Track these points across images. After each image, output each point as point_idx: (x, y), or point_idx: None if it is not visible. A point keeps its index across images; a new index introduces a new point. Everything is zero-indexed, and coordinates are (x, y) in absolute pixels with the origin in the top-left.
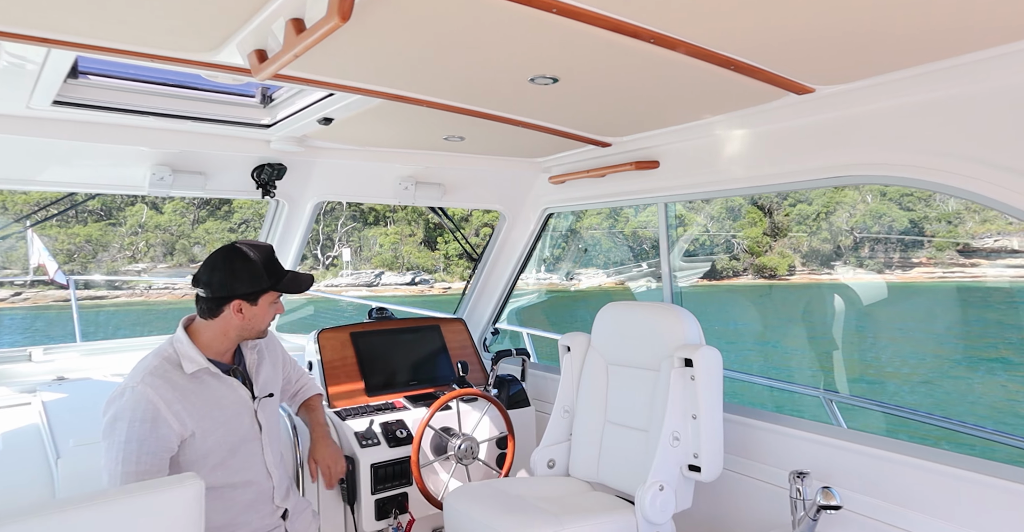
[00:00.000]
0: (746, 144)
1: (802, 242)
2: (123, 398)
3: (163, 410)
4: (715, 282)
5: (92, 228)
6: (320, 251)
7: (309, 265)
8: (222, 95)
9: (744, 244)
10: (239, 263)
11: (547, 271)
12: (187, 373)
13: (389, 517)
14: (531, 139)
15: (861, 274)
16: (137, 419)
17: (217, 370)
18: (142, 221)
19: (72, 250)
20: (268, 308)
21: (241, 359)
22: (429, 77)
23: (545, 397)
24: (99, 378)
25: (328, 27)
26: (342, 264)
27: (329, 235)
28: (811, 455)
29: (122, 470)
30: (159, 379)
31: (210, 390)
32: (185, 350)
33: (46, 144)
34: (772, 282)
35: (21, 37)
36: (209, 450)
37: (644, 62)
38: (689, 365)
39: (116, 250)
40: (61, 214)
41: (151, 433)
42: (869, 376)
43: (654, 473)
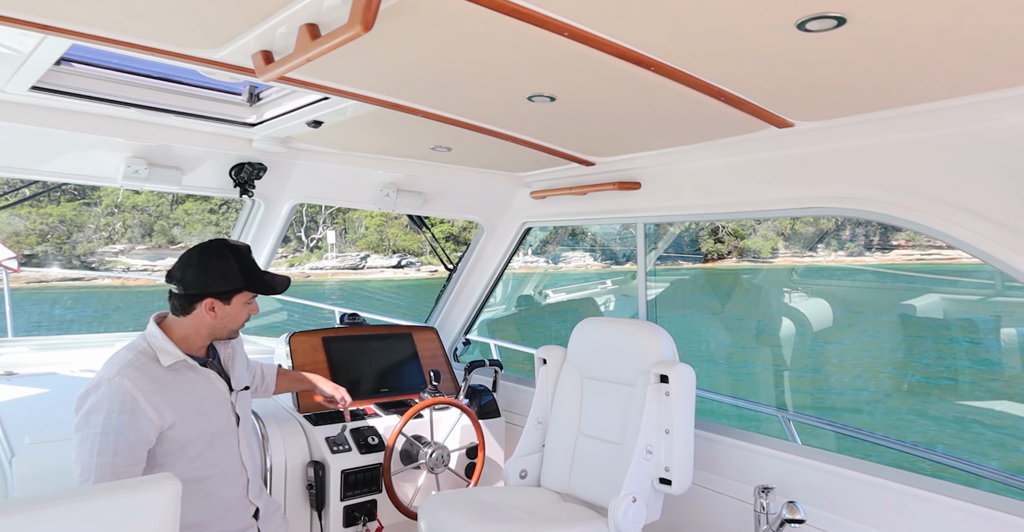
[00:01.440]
0: (726, 171)
1: (785, 225)
2: (100, 390)
3: (141, 401)
4: (701, 265)
5: (65, 208)
6: (304, 233)
7: (293, 247)
8: (207, 91)
9: (729, 228)
10: (214, 261)
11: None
12: (164, 366)
13: (357, 524)
14: (517, 154)
15: (842, 257)
16: (115, 410)
17: (194, 362)
18: (118, 201)
19: (45, 230)
20: (242, 308)
21: (215, 353)
22: (429, 88)
23: (515, 408)
24: (48, 372)
25: (348, 35)
26: (327, 247)
27: (313, 217)
28: (775, 471)
29: (98, 462)
30: (136, 371)
31: (188, 381)
32: (160, 344)
33: (16, 129)
34: (757, 265)
35: (20, 22)
36: (188, 440)
37: (641, 87)
38: (665, 381)
39: (92, 231)
40: (20, 202)
41: (129, 424)
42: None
43: (627, 485)
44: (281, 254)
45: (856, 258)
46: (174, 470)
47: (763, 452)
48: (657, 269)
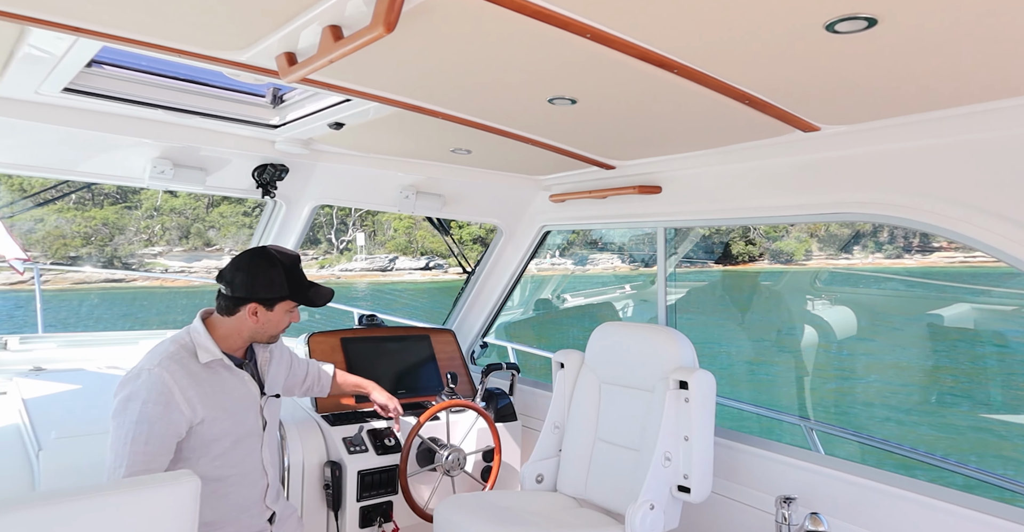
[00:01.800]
0: (749, 175)
1: (819, 227)
2: (139, 379)
3: (176, 394)
4: (729, 267)
5: (108, 211)
6: (334, 235)
7: (323, 249)
8: (232, 92)
9: (761, 229)
10: (263, 267)
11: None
12: (201, 362)
13: (373, 525)
14: (537, 157)
15: (879, 259)
16: (151, 400)
17: (230, 363)
18: (157, 204)
19: (89, 233)
20: (283, 315)
21: (253, 356)
22: (450, 90)
23: (532, 412)
24: (75, 368)
25: (371, 36)
26: (356, 248)
27: (343, 219)
28: (797, 481)
29: (130, 450)
30: (176, 364)
31: (222, 380)
32: (201, 340)
33: (49, 130)
34: (790, 267)
35: (54, 25)
36: (214, 438)
37: (663, 90)
38: (684, 387)
39: (132, 233)
40: (50, 202)
41: (162, 416)
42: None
43: (645, 492)
44: (312, 256)
45: (895, 260)
46: (197, 466)
47: (785, 461)
48: (682, 272)
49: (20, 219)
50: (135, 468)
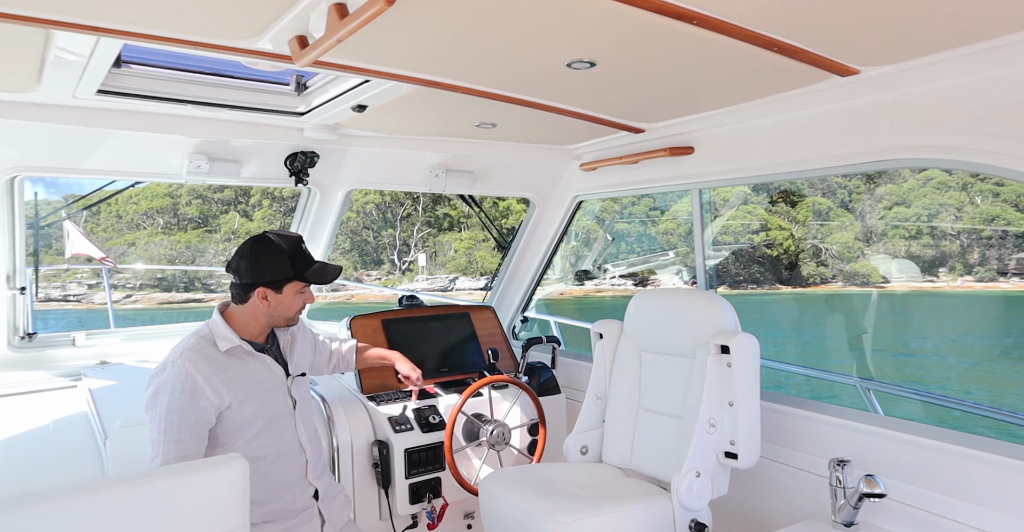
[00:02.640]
0: (785, 128)
1: (899, 247)
2: (164, 373)
3: (201, 383)
4: (799, 289)
5: (191, 235)
6: (397, 256)
7: (386, 270)
8: (257, 83)
9: (833, 250)
10: (264, 252)
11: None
12: (222, 350)
13: (423, 501)
14: (563, 125)
15: (969, 282)
16: (177, 391)
17: (251, 348)
18: (234, 228)
19: (174, 255)
20: (294, 297)
21: (275, 340)
22: (466, 62)
23: (575, 384)
24: (138, 362)
25: (373, 10)
26: (418, 269)
27: (405, 240)
28: (850, 443)
29: (164, 439)
30: (197, 354)
31: (245, 365)
32: (219, 330)
33: (90, 132)
34: (865, 290)
35: (74, 26)
36: (246, 421)
37: (685, 45)
38: (726, 352)
39: (211, 255)
40: (96, 204)
41: (190, 404)
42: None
43: (690, 460)
44: (375, 276)
45: (988, 284)
46: (234, 449)
47: (837, 423)
48: (749, 293)
49: (114, 244)
50: (170, 456)
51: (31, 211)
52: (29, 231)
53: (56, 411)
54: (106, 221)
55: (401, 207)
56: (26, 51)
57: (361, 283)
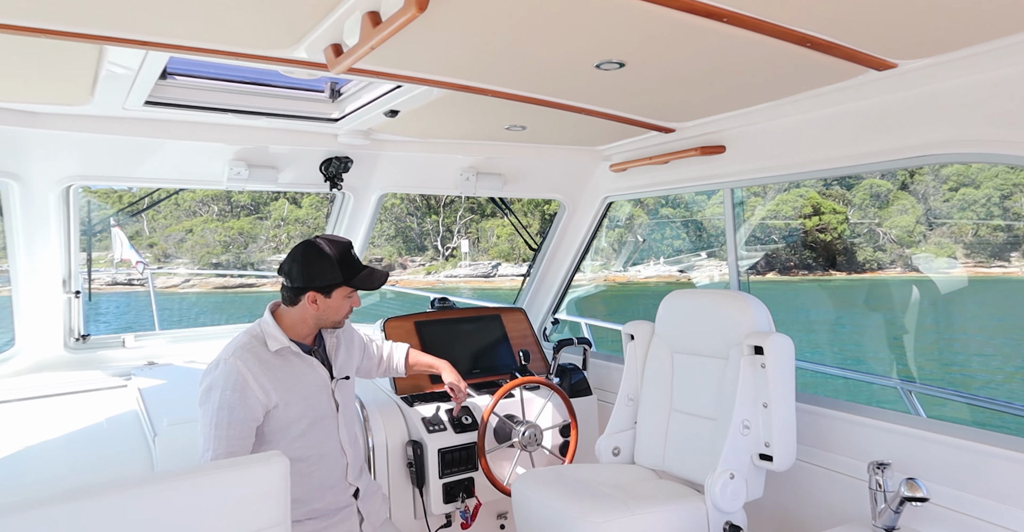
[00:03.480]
0: (820, 125)
1: (966, 230)
2: (217, 369)
3: (251, 381)
4: (854, 275)
5: (243, 222)
6: (440, 242)
7: (430, 256)
8: (293, 91)
9: (892, 234)
10: (314, 257)
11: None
12: (271, 350)
13: (456, 501)
14: (593, 126)
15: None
16: (228, 388)
17: (298, 350)
18: (284, 215)
19: (228, 241)
20: (342, 301)
21: (321, 342)
22: (495, 66)
23: (607, 386)
24: (184, 363)
25: (405, 18)
26: (461, 255)
27: (448, 226)
28: (890, 446)
29: (215, 434)
30: (248, 353)
31: (292, 366)
32: (270, 330)
33: (137, 142)
34: (927, 276)
35: (126, 41)
36: (291, 421)
37: (715, 43)
38: (759, 353)
39: (263, 241)
40: (144, 210)
41: (240, 401)
42: None
43: (724, 461)
44: (419, 262)
45: None
46: (279, 447)
47: (876, 425)
48: (799, 280)
49: (173, 230)
50: (220, 451)
51: (84, 217)
52: (83, 237)
53: (108, 409)
54: (165, 209)
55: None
56: (81, 66)
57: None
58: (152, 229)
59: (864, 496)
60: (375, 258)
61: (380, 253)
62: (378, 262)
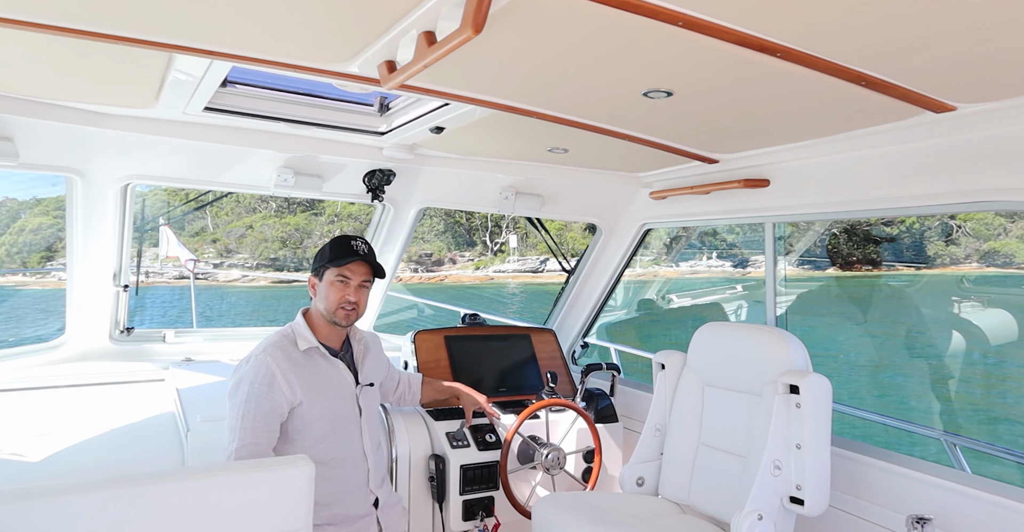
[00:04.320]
0: (870, 164)
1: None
2: (248, 364)
3: (278, 377)
4: (923, 271)
5: (300, 217)
6: (489, 237)
7: (479, 251)
8: (344, 103)
9: (967, 227)
10: (322, 246)
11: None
12: (300, 350)
13: (475, 518)
14: (635, 153)
15: None
16: (257, 382)
17: (326, 351)
18: (337, 211)
19: (285, 237)
20: (330, 286)
21: (349, 348)
22: (543, 89)
23: (634, 414)
24: (218, 361)
25: (460, 39)
26: (509, 250)
27: (497, 222)
28: (931, 500)
29: (241, 425)
30: (278, 351)
31: (319, 367)
32: (300, 331)
33: (194, 145)
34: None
35: (193, 50)
36: (314, 421)
37: (767, 77)
38: (795, 392)
39: (318, 237)
40: (193, 210)
41: (267, 395)
42: None
43: (752, 501)
44: (468, 257)
45: None
46: (302, 447)
47: (918, 478)
48: (863, 275)
49: (234, 226)
50: (245, 441)
51: (137, 215)
52: (135, 234)
53: (145, 402)
54: (227, 205)
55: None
56: (150, 72)
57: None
58: (216, 225)
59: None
60: (424, 253)
61: (430, 248)
62: (427, 257)
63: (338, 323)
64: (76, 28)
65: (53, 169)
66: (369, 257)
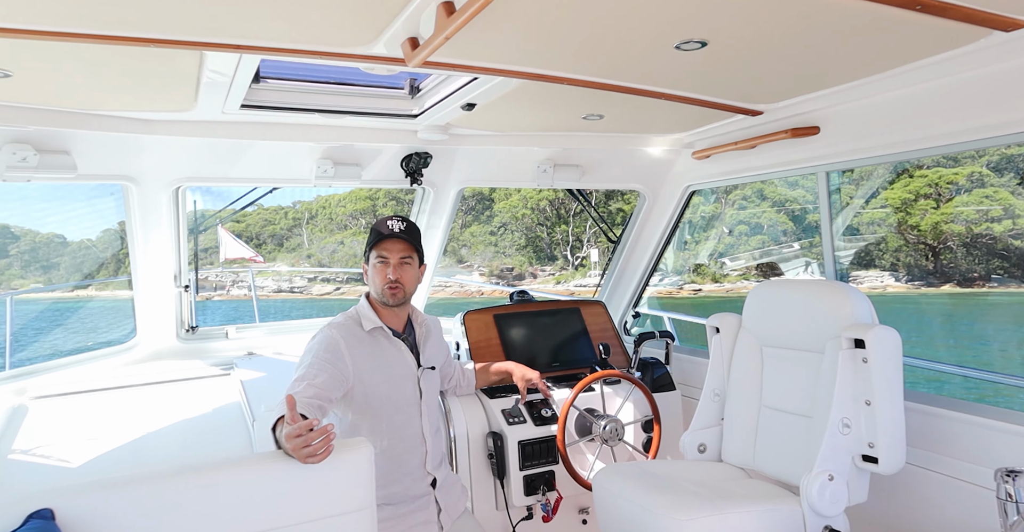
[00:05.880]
0: (930, 98)
1: None
2: (315, 339)
3: (343, 348)
4: None
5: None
6: (570, 252)
7: (559, 265)
8: (375, 89)
9: None
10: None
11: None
12: (365, 329)
13: (537, 493)
14: (673, 112)
15: None
16: (323, 349)
17: (389, 332)
18: None
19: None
20: (374, 269)
21: (412, 331)
22: (570, 52)
23: (691, 381)
24: (279, 355)
25: (479, 4)
26: (590, 264)
27: (578, 236)
28: (1020, 452)
29: (304, 374)
30: (344, 328)
31: (382, 347)
32: (364, 312)
33: (235, 144)
34: None
35: (220, 46)
36: (376, 399)
37: (810, 13)
38: (860, 346)
39: None
40: (241, 209)
41: (332, 361)
42: None
43: (821, 462)
44: (549, 272)
45: None
46: (362, 428)
47: (1006, 429)
48: (986, 290)
49: (327, 242)
50: (306, 376)
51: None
52: (191, 235)
53: (213, 396)
54: (321, 222)
55: (575, 203)
56: (185, 74)
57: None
58: (310, 241)
59: (989, 506)
60: (506, 267)
61: (511, 262)
62: (509, 271)
63: (387, 302)
64: (111, 34)
65: (108, 178)
66: (403, 234)
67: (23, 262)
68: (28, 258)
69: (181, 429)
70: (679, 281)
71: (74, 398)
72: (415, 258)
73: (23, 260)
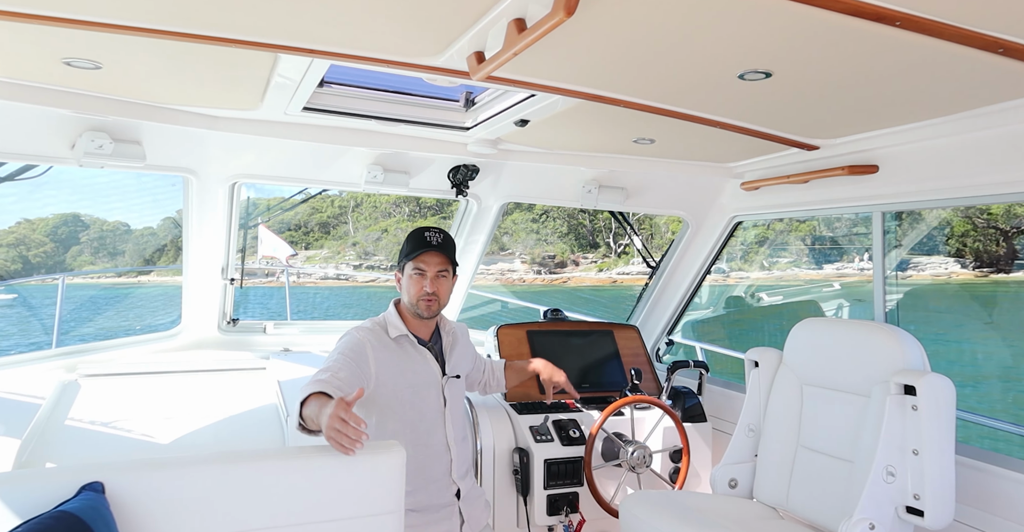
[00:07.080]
0: (999, 144)
1: None
2: (342, 340)
3: (368, 350)
4: None
5: (429, 221)
6: (612, 239)
7: (602, 253)
8: (431, 99)
9: None
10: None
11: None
12: (391, 337)
13: (560, 514)
14: (726, 141)
15: None
16: (347, 349)
17: (415, 340)
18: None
19: None
20: (409, 279)
21: (438, 340)
22: (632, 75)
23: (723, 414)
24: (312, 350)
25: (552, 22)
26: (633, 252)
27: (621, 222)
28: None
29: (326, 366)
30: (371, 332)
31: (407, 354)
32: (391, 319)
33: (292, 145)
34: None
35: (295, 49)
36: (400, 406)
37: (882, 50)
38: (911, 393)
39: None
40: (291, 208)
41: (354, 361)
42: None
43: (862, 509)
44: (591, 259)
45: None
46: (386, 434)
47: None
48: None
49: (371, 230)
50: (331, 383)
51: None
52: (240, 230)
53: (249, 388)
54: (366, 209)
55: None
56: (256, 75)
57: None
58: (356, 229)
59: None
60: (548, 255)
61: (552, 250)
62: (550, 259)
63: (421, 314)
64: (195, 33)
65: (173, 170)
66: (442, 247)
67: (93, 248)
68: (97, 245)
69: (217, 418)
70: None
71: (121, 379)
72: (451, 271)
73: (92, 247)
